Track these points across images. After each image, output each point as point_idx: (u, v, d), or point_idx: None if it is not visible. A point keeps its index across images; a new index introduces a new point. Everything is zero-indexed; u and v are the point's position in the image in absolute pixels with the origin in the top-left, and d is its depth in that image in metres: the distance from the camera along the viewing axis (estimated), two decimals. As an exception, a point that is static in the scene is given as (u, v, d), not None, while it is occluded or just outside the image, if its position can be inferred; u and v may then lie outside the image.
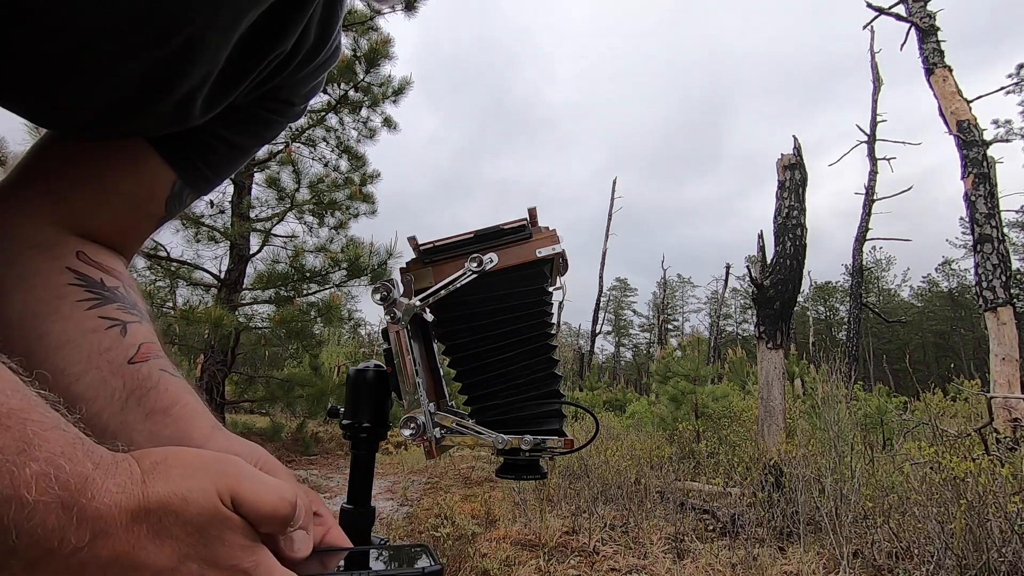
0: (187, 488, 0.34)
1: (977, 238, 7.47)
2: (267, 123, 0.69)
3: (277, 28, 0.58)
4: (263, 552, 0.38)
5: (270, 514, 0.37)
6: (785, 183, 6.30)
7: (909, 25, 9.22)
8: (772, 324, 5.79)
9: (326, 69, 0.72)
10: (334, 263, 8.03)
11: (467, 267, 0.66)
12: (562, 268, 0.71)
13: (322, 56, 0.68)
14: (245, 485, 0.37)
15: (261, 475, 0.40)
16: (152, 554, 0.32)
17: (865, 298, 23.06)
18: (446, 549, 3.21)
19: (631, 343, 62.66)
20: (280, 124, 0.71)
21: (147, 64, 0.49)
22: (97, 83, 0.50)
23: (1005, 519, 2.71)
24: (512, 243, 0.67)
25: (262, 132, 0.70)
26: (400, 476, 6.65)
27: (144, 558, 0.32)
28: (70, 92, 0.49)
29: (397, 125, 9.27)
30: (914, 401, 8.32)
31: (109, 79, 0.49)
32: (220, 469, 0.37)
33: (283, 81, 0.66)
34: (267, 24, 0.57)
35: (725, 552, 3.48)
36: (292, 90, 0.69)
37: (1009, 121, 27.97)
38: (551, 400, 0.67)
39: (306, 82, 0.70)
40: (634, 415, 10.99)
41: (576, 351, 33.18)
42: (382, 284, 0.67)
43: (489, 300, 0.67)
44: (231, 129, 0.66)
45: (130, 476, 0.33)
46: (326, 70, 0.73)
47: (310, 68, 0.68)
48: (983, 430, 4.38)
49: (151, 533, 0.32)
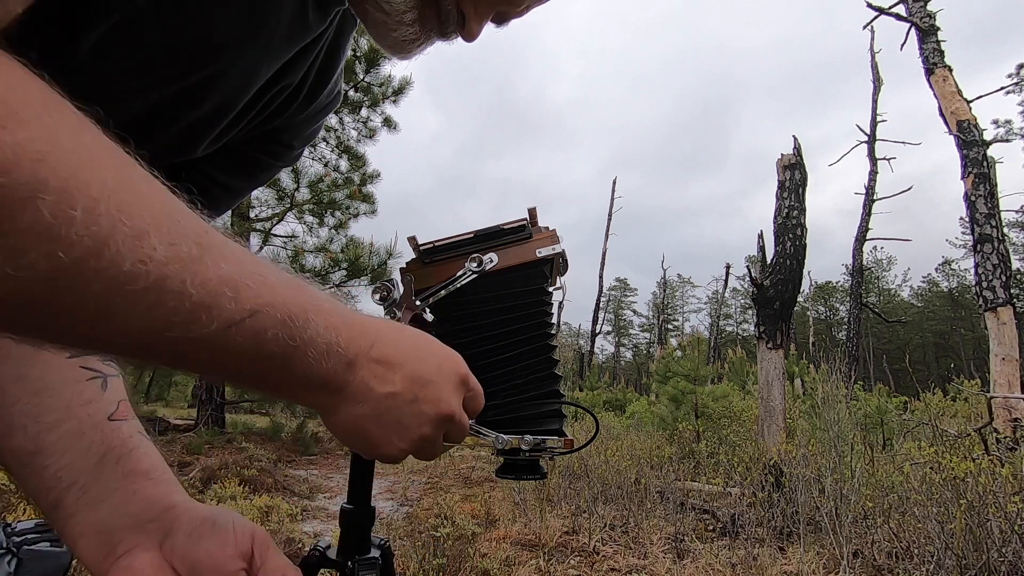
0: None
1: (977, 238, 7.47)
2: (263, 166, 0.71)
3: (284, 72, 0.61)
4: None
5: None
6: (785, 183, 6.30)
7: (909, 25, 9.22)
8: (772, 324, 5.79)
9: (326, 114, 0.74)
10: (334, 263, 8.03)
11: (467, 267, 0.66)
12: (562, 268, 0.71)
13: (321, 100, 0.70)
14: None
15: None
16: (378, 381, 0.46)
17: (865, 298, 23.07)
18: (446, 549, 3.21)
19: (631, 343, 62.66)
20: (276, 167, 0.72)
21: (158, 97, 0.51)
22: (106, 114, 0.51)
23: (1005, 519, 2.71)
24: (512, 243, 0.67)
25: (257, 174, 0.71)
26: (400, 476, 6.65)
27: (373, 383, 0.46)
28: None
29: (397, 125, 9.27)
30: (914, 401, 8.32)
31: (119, 113, 0.49)
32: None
33: (283, 123, 0.68)
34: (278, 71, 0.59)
35: (725, 552, 3.48)
36: (292, 133, 0.70)
37: (1009, 121, 28.01)
38: (551, 400, 0.67)
39: (305, 126, 0.71)
40: (634, 415, 11.00)
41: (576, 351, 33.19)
42: (382, 284, 0.67)
43: (489, 300, 0.67)
44: (225, 170, 0.67)
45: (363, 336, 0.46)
46: (326, 115, 0.75)
47: (309, 112, 0.69)
48: (983, 430, 4.38)
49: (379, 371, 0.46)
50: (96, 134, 0.30)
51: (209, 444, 7.10)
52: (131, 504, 0.52)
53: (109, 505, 0.51)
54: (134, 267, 0.29)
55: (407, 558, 3.14)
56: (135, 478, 0.54)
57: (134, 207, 0.29)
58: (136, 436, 0.57)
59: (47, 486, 0.52)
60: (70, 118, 0.29)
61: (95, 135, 0.30)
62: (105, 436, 0.55)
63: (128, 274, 0.29)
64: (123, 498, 0.52)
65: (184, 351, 0.34)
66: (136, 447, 0.56)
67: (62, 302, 0.28)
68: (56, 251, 0.26)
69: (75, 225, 0.27)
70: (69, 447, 0.53)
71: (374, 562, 0.64)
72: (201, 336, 0.33)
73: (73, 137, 0.28)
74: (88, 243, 0.27)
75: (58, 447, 0.52)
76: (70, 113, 0.29)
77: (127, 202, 0.29)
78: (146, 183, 0.32)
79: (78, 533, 0.50)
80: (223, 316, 0.34)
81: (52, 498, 0.51)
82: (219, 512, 0.53)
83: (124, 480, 0.53)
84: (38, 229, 0.26)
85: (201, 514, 0.52)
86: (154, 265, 0.30)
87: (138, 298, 0.30)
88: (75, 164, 0.27)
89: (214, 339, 0.34)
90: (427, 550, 3.18)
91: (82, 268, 0.28)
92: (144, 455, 0.56)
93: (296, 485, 5.81)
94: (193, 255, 0.32)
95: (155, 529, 0.50)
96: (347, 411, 0.46)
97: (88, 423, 0.54)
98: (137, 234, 0.29)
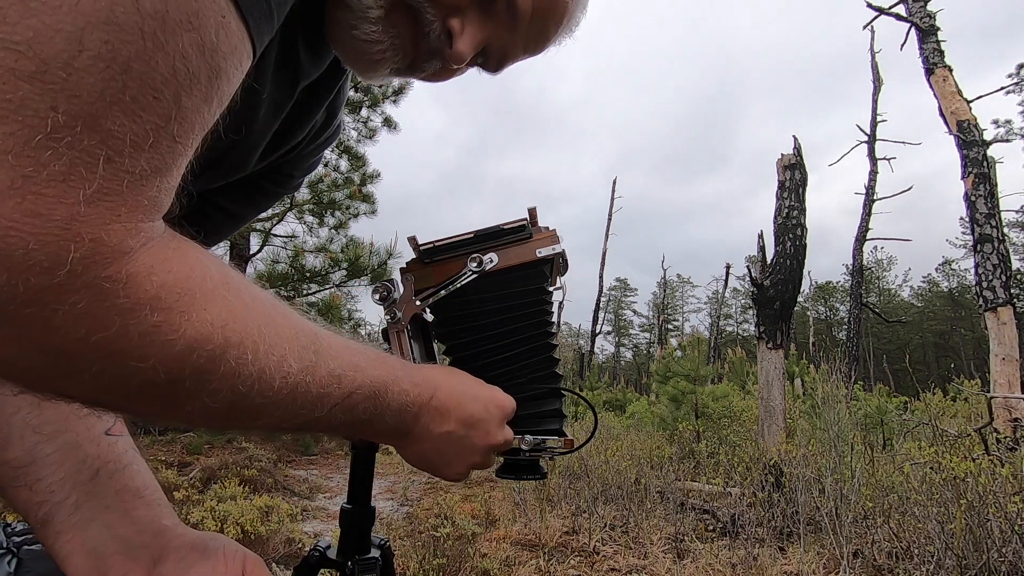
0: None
1: (977, 238, 7.47)
2: (267, 194, 0.72)
3: (295, 121, 0.63)
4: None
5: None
6: (785, 183, 6.30)
7: (909, 25, 9.22)
8: (772, 324, 5.78)
9: (328, 146, 0.76)
10: (334, 263, 8.03)
11: (467, 267, 0.66)
12: (562, 268, 0.71)
13: (326, 135, 0.72)
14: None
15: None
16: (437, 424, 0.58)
17: (865, 298, 23.05)
18: (446, 549, 3.21)
19: (631, 343, 62.64)
20: (279, 195, 0.74)
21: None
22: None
23: (1005, 519, 2.71)
24: (512, 243, 0.67)
25: (261, 202, 0.73)
26: (400, 476, 6.65)
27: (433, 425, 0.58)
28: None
29: (397, 125, 9.27)
30: (914, 401, 8.32)
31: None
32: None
33: (292, 158, 0.69)
34: (286, 118, 0.61)
35: (725, 552, 3.48)
36: (294, 164, 0.71)
37: (1009, 121, 27.99)
38: (551, 400, 0.67)
39: (309, 157, 0.73)
40: (634, 415, 10.99)
41: (576, 351, 33.17)
42: (382, 284, 0.67)
43: (489, 300, 0.67)
44: (230, 198, 0.68)
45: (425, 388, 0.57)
46: (328, 146, 0.76)
47: (315, 145, 0.71)
48: (983, 430, 4.38)
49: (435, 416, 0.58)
50: (248, 288, 0.40)
51: (209, 444, 7.10)
52: (122, 526, 0.53)
53: (100, 524, 0.52)
54: (280, 382, 0.41)
55: (407, 558, 3.14)
56: (127, 496, 0.55)
57: (277, 339, 0.40)
58: (130, 452, 0.58)
59: (39, 500, 0.52)
60: (235, 283, 0.38)
61: (248, 289, 0.40)
62: (101, 451, 0.56)
63: (278, 387, 0.41)
64: (114, 518, 0.53)
65: (305, 427, 0.47)
66: (130, 464, 0.57)
67: (235, 416, 0.40)
68: (237, 385, 0.38)
69: (248, 364, 0.38)
70: (65, 459, 0.54)
71: (374, 562, 0.64)
72: (317, 416, 0.46)
73: (239, 300, 0.38)
74: (255, 374, 0.38)
75: (55, 459, 0.53)
76: (233, 278, 0.39)
77: (272, 337, 0.40)
78: (281, 315, 0.42)
79: (67, 552, 0.51)
80: (331, 400, 0.46)
81: (43, 513, 0.52)
82: (209, 538, 0.55)
83: (117, 497, 0.54)
84: (228, 373, 0.37)
85: (191, 540, 0.54)
86: (291, 378, 0.41)
87: (281, 401, 0.42)
88: (244, 320, 0.37)
89: (326, 417, 0.47)
90: (427, 550, 3.18)
91: (251, 391, 0.39)
92: (137, 472, 0.57)
93: (296, 485, 5.81)
94: (312, 361, 0.43)
95: (146, 556, 0.51)
96: (414, 448, 0.58)
97: (85, 436, 0.55)
98: (280, 359, 0.40)
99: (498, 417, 0.62)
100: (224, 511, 3.99)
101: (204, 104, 0.34)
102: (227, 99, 0.37)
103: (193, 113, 0.33)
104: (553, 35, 0.59)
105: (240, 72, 0.37)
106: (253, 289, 0.41)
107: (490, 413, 0.61)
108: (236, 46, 0.35)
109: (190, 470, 5.66)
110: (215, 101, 0.35)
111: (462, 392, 0.59)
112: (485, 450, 0.61)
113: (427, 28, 0.53)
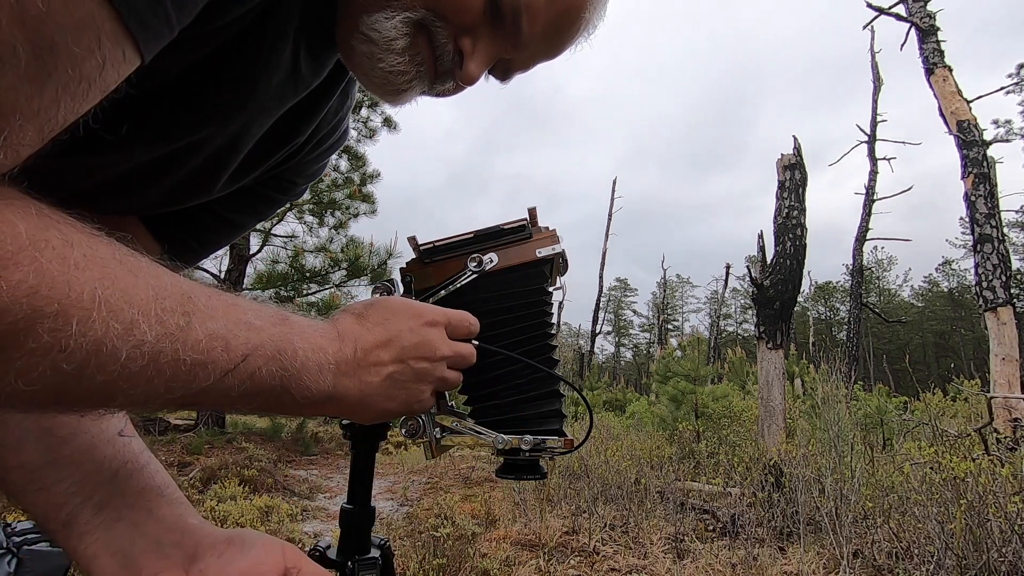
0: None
1: (977, 238, 7.47)
2: (269, 201, 0.71)
3: (292, 127, 0.61)
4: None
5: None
6: (785, 183, 6.30)
7: (909, 25, 9.22)
8: (772, 324, 5.78)
9: (332, 152, 0.74)
10: (334, 263, 8.03)
11: (467, 267, 0.66)
12: (562, 268, 0.71)
13: (330, 141, 0.71)
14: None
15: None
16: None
17: (865, 298, 23.06)
18: (446, 549, 3.21)
19: (631, 343, 62.64)
20: (281, 202, 0.73)
21: (148, 159, 0.52)
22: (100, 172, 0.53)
23: (1005, 519, 2.71)
24: (512, 243, 0.67)
25: (262, 210, 0.72)
26: (400, 476, 6.65)
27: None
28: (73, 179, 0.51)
29: (397, 125, 9.28)
30: (914, 401, 8.31)
31: (110, 170, 0.51)
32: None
33: (294, 165, 0.69)
34: (283, 123, 0.59)
35: (725, 552, 3.48)
36: (297, 171, 0.70)
37: (1009, 121, 27.99)
38: (552, 400, 0.67)
39: (312, 164, 0.72)
40: (634, 415, 10.99)
41: (576, 351, 33.16)
42: (382, 284, 0.67)
43: (489, 300, 0.67)
44: (233, 208, 0.67)
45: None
46: (332, 153, 0.75)
47: (318, 152, 0.70)
48: (983, 430, 4.37)
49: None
50: (82, 246, 0.34)
51: (209, 444, 7.10)
52: (149, 524, 0.52)
53: (126, 524, 0.51)
54: (130, 353, 0.34)
55: (407, 558, 3.14)
56: (150, 495, 0.54)
57: (122, 303, 0.34)
58: (146, 453, 0.58)
59: (59, 502, 0.51)
60: (55, 241, 0.32)
61: (81, 247, 0.34)
62: (118, 451, 0.55)
63: (126, 360, 0.34)
64: (140, 517, 0.52)
65: (193, 401, 0.40)
66: (147, 463, 0.56)
67: (72, 396, 0.35)
68: (59, 362, 0.32)
69: (72, 336, 0.32)
70: (83, 460, 0.52)
71: (374, 562, 0.64)
72: (203, 387, 0.39)
73: (60, 261, 0.32)
74: (87, 347, 0.33)
75: (73, 460, 0.52)
76: (55, 236, 0.33)
77: (115, 301, 0.34)
78: (131, 275, 0.36)
79: (93, 553, 0.49)
80: (218, 367, 0.40)
81: (65, 515, 0.50)
82: (237, 533, 0.53)
83: (139, 497, 0.53)
84: (41, 349, 0.31)
85: (224, 536, 0.52)
86: (147, 347, 0.35)
87: (138, 375, 0.36)
88: (64, 285, 0.31)
89: (216, 387, 0.40)
90: (427, 550, 3.18)
91: (84, 368, 0.33)
92: (155, 472, 0.56)
93: (296, 485, 5.81)
94: (181, 325, 0.37)
95: (178, 554, 0.50)
96: (365, 408, 0.52)
97: (100, 438, 0.54)
98: (128, 326, 0.34)
99: (425, 331, 0.55)
100: (224, 511, 3.99)
101: (25, 84, 0.29)
102: (91, 85, 0.32)
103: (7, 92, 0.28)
104: (567, 45, 0.58)
105: (101, 52, 0.31)
106: (93, 246, 0.34)
107: (415, 332, 0.54)
108: (83, 19, 0.29)
109: (190, 470, 5.67)
110: (50, 83, 0.30)
111: (382, 328, 0.53)
112: (435, 362, 0.55)
113: (439, 51, 0.52)
